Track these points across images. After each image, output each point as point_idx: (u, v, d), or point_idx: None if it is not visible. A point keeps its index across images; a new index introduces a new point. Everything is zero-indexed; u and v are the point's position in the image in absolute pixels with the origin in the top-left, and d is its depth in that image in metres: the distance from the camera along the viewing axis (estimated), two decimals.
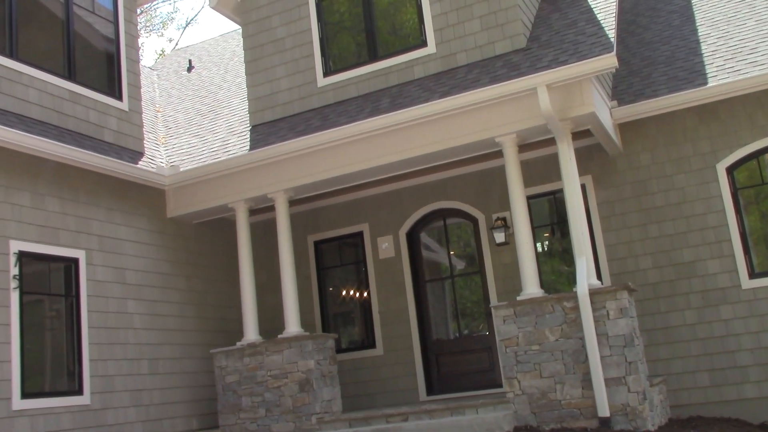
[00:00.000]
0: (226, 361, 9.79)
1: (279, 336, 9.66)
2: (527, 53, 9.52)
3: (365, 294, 11.34)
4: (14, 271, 8.08)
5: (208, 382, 10.28)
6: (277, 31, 11.16)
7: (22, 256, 8.22)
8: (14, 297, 8.02)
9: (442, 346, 10.81)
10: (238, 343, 9.84)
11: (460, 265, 11.13)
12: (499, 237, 10.30)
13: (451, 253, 11.13)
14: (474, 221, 10.78)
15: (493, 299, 10.32)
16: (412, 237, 11.11)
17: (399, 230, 11.09)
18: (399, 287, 10.97)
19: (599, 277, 9.57)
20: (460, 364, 10.61)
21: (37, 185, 8.60)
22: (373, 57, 10.62)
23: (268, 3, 11.25)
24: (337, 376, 9.85)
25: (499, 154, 9.57)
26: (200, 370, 10.28)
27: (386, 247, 11.11)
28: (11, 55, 8.92)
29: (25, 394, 7.90)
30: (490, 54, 9.92)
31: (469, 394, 10.14)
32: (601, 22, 9.53)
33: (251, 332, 9.92)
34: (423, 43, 10.34)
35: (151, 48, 32.63)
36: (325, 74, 10.79)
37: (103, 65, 10.43)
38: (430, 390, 10.60)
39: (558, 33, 9.77)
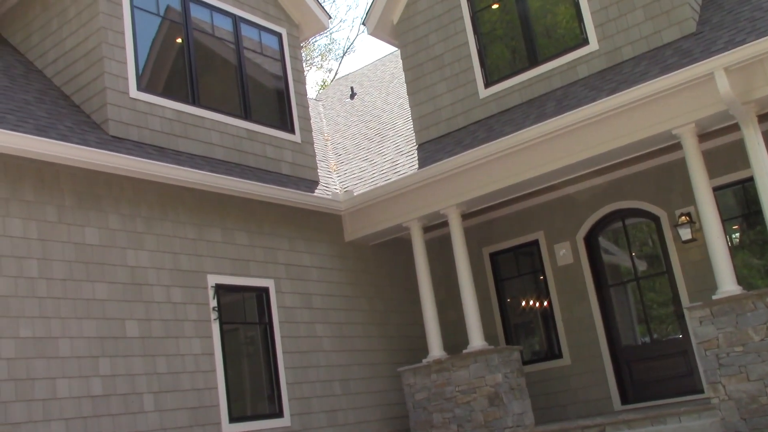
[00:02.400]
0: (414, 379, 9.92)
1: (464, 351, 9.66)
2: (698, 38, 9.02)
3: (546, 303, 11.11)
4: (213, 303, 8.64)
5: (398, 400, 10.46)
6: (435, 48, 11.27)
7: (219, 289, 8.78)
8: (215, 328, 8.58)
9: (632, 352, 10.36)
10: (424, 360, 9.95)
11: (642, 266, 10.64)
12: (685, 234, 9.76)
13: (633, 254, 10.67)
14: (655, 219, 10.29)
15: (684, 300, 9.77)
16: (590, 241, 10.77)
17: (576, 235, 10.79)
18: (581, 294, 10.65)
19: None
20: (654, 370, 10.11)
21: (226, 221, 9.16)
22: (533, 62, 10.46)
23: (424, 22, 11.41)
24: (526, 388, 9.69)
25: (677, 146, 9.13)
26: (389, 388, 10.47)
27: (564, 254, 10.84)
28: (194, 103, 9.60)
29: (233, 419, 8.40)
30: (657, 44, 9.49)
31: (667, 401, 9.66)
32: None
33: (436, 349, 9.99)
34: (584, 42, 10.06)
35: (312, 80, 33.97)
36: (486, 85, 10.76)
37: (274, 102, 10.99)
38: (624, 399, 10.17)
39: (731, 12, 9.18)
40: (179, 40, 9.81)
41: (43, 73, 9.43)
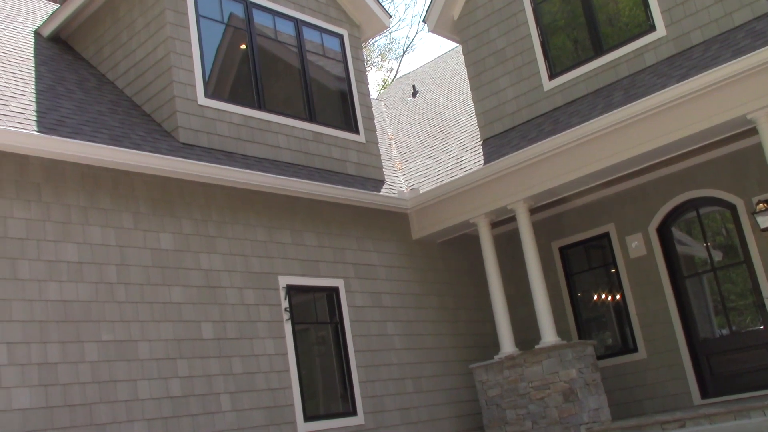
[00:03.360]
0: (487, 375, 9.85)
1: (536, 347, 9.55)
2: None
3: (618, 296, 10.90)
4: (285, 304, 8.76)
5: (471, 397, 10.41)
6: (497, 42, 11.18)
7: (290, 290, 8.89)
8: (288, 328, 8.69)
9: (711, 345, 10.07)
10: (496, 357, 9.87)
11: (718, 256, 10.33)
12: (764, 221, 9.40)
13: (708, 244, 10.37)
14: (731, 208, 9.98)
15: (764, 290, 9.47)
16: (663, 232, 10.51)
17: (648, 226, 10.54)
18: (655, 286, 10.41)
19: None
20: (734, 363, 9.81)
21: (295, 222, 9.27)
22: (599, 51, 10.28)
23: (485, 16, 11.33)
24: (601, 383, 9.53)
25: (752, 131, 8.83)
26: (461, 385, 10.43)
27: (636, 246, 10.60)
28: (260, 107, 9.75)
29: (307, 417, 8.50)
30: (728, 26, 9.20)
31: (749, 395, 9.35)
32: None
33: (507, 345, 9.91)
34: (651, 28, 9.84)
35: (372, 80, 34.09)
36: (551, 77, 10.62)
37: (337, 103, 11.08)
38: (704, 393, 9.90)
39: None
40: (243, 46, 9.97)
41: (114, 85, 9.72)
